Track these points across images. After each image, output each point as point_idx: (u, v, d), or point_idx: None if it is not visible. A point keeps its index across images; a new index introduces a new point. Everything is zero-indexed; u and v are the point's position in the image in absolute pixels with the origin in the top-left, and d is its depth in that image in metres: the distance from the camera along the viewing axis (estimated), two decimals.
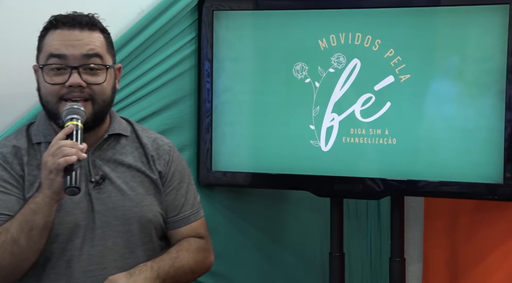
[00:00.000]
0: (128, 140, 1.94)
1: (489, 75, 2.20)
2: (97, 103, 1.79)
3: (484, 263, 2.43)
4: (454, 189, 2.25)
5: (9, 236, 1.66)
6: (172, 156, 1.99)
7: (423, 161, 2.29)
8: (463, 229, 2.51)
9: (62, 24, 1.79)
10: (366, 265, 2.70)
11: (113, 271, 1.79)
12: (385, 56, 2.28)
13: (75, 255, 1.77)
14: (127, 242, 1.84)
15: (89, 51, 1.78)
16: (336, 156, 2.36)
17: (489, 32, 2.20)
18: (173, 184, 1.97)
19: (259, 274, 2.64)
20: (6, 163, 1.80)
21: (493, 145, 2.21)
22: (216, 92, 2.45)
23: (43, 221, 1.66)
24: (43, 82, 1.79)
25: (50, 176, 1.63)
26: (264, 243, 2.64)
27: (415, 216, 2.66)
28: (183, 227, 1.97)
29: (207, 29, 2.42)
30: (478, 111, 2.23)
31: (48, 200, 1.65)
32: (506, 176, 2.18)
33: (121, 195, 1.85)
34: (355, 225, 2.68)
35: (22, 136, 1.86)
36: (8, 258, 1.67)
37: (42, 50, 1.81)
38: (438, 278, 2.59)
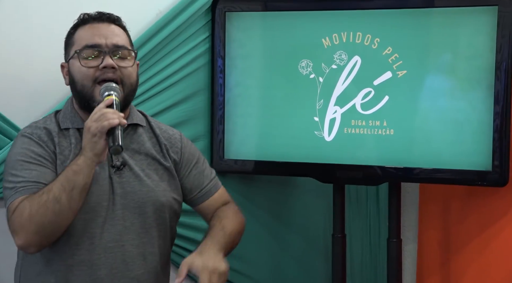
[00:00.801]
0: (144, 130, 1.96)
1: (479, 71, 2.22)
2: (126, 86, 1.84)
3: (473, 243, 2.44)
4: (447, 175, 2.28)
5: (52, 195, 1.68)
6: (182, 142, 2.03)
7: (418, 150, 2.32)
8: (454, 212, 2.52)
9: (92, 19, 1.86)
10: (365, 245, 2.70)
11: (130, 248, 1.83)
12: (384, 54, 2.30)
13: (97, 232, 1.80)
14: (143, 222, 1.87)
15: (119, 41, 1.84)
16: (338, 145, 2.37)
17: (479, 32, 2.22)
18: (190, 166, 2.02)
19: (266, 253, 2.66)
20: (42, 141, 1.82)
21: (483, 135, 2.23)
22: (228, 87, 2.46)
23: (83, 181, 1.69)
24: (78, 68, 1.82)
25: (94, 139, 1.67)
26: (272, 225, 2.65)
27: (410, 201, 2.66)
28: (209, 200, 2.02)
29: (219, 29, 2.43)
30: (469, 105, 2.25)
31: (89, 162, 1.69)
32: (494, 164, 2.20)
33: (138, 180, 1.87)
34: (355, 208, 2.68)
35: (51, 122, 1.90)
36: (50, 216, 1.68)
37: (75, 43, 1.85)
38: (431, 257, 2.60)
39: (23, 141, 1.83)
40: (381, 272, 2.66)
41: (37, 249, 1.74)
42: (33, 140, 1.83)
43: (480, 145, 2.24)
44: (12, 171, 1.79)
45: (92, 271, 1.80)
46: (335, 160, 2.39)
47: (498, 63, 2.18)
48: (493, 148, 2.21)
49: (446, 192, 2.53)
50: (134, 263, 1.85)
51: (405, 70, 2.29)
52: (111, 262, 1.81)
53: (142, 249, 1.87)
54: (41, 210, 1.67)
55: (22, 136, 1.85)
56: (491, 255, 2.40)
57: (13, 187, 1.76)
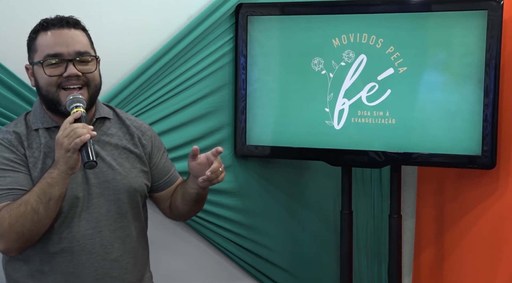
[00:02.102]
0: (111, 123, 1.90)
1: (471, 67, 2.24)
2: (91, 88, 1.78)
3: (465, 219, 2.46)
4: (442, 159, 2.30)
5: (29, 206, 1.63)
6: (151, 131, 2.00)
7: (417, 137, 2.33)
8: (448, 191, 2.54)
9: (52, 25, 1.76)
10: (370, 220, 2.71)
11: (107, 233, 1.80)
12: (387, 52, 2.32)
13: (75, 221, 1.76)
14: (118, 208, 1.82)
15: (81, 48, 1.75)
16: (346, 133, 2.39)
17: (470, 33, 2.23)
18: (160, 154, 1.99)
19: (283, 227, 2.67)
20: (12, 146, 1.76)
21: (473, 124, 2.25)
22: (250, 82, 2.47)
23: (58, 192, 1.64)
24: (42, 76, 1.74)
25: (67, 154, 1.61)
26: (288, 202, 2.66)
27: (409, 181, 2.67)
28: (171, 186, 2.00)
29: (242, 31, 2.44)
30: (462, 97, 2.27)
31: (63, 175, 1.63)
32: (483, 149, 2.23)
33: (111, 169, 1.82)
34: (361, 188, 2.69)
35: (21, 124, 1.82)
36: (28, 225, 1.64)
37: (38, 51, 1.76)
38: (427, 231, 2.62)
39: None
40: (383, 243, 2.68)
41: (17, 253, 1.73)
42: (4, 146, 1.76)
43: (471, 132, 2.26)
44: None
45: (73, 257, 1.76)
46: (343, 146, 2.40)
47: (487, 61, 2.20)
48: (482, 135, 2.23)
49: (441, 174, 2.55)
50: (112, 247, 1.81)
51: (405, 66, 2.31)
52: (90, 247, 1.77)
53: (120, 233, 1.83)
54: (20, 220, 1.63)
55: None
56: (479, 229, 2.42)
57: None
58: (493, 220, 2.37)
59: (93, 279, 1.79)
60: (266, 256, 2.64)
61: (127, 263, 1.85)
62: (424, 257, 2.66)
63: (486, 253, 2.41)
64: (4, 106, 2.11)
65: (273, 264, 2.66)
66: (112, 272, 1.81)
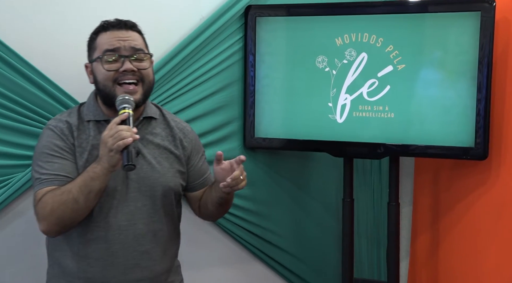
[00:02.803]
0: (157, 122, 1.90)
1: (465, 65, 2.26)
2: (145, 84, 1.80)
3: (458, 206, 2.48)
4: (437, 151, 2.32)
5: (71, 196, 1.67)
6: (193, 134, 1.99)
7: (414, 130, 2.34)
8: (443, 181, 2.55)
9: (112, 26, 1.80)
10: (370, 208, 2.72)
11: (141, 226, 1.81)
12: (386, 51, 2.34)
13: (112, 212, 1.78)
14: (153, 204, 1.83)
15: (136, 45, 1.79)
16: (348, 126, 2.40)
17: (465, 33, 2.25)
18: (198, 156, 1.99)
19: (289, 214, 2.68)
20: (63, 134, 1.79)
21: (467, 118, 2.26)
22: (258, 79, 2.48)
23: (99, 186, 1.68)
24: (101, 70, 1.77)
25: (110, 153, 1.64)
26: (293, 191, 2.67)
27: (407, 171, 2.69)
28: (204, 188, 1.99)
29: (251, 31, 2.45)
30: (456, 92, 2.28)
31: (105, 171, 1.66)
32: (476, 141, 2.26)
33: (151, 167, 1.83)
34: (362, 178, 2.70)
35: (74, 115, 1.84)
36: (69, 213, 1.68)
37: (97, 48, 1.79)
38: (424, 217, 2.65)
39: (48, 134, 1.80)
40: (382, 229, 2.68)
41: (56, 235, 1.76)
42: (56, 134, 1.79)
43: (465, 125, 2.27)
44: (38, 162, 1.77)
45: (107, 245, 1.79)
46: (346, 138, 2.41)
47: (480, 59, 2.22)
48: (475, 128, 2.25)
49: (437, 165, 2.56)
50: (144, 239, 1.83)
51: (404, 64, 2.32)
52: (124, 238, 1.80)
53: (152, 227, 1.84)
54: (61, 207, 1.68)
55: (48, 129, 1.82)
56: (472, 216, 2.43)
57: (38, 177, 1.75)
58: (485, 207, 2.39)
59: (124, 268, 1.81)
60: (273, 241, 2.66)
61: (156, 255, 1.86)
62: (420, 242, 2.68)
63: (478, 238, 2.42)
64: (35, 104, 2.16)
65: (279, 248, 2.68)
66: (142, 263, 1.83)
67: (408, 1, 2.43)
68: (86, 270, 1.80)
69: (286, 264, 2.70)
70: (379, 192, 2.72)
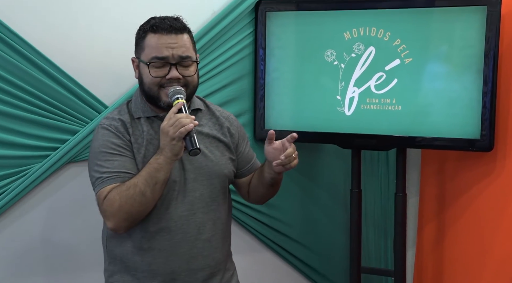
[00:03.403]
0: (202, 113, 1.91)
1: (471, 58, 2.25)
2: (189, 89, 1.80)
3: (464, 197, 2.48)
4: (443, 142, 2.32)
5: (138, 189, 1.67)
6: (238, 123, 2.01)
7: (421, 122, 2.34)
8: (449, 172, 2.55)
9: (161, 29, 1.76)
10: (377, 198, 2.73)
11: (200, 215, 1.82)
12: (394, 45, 2.33)
13: (173, 203, 1.79)
14: (210, 192, 1.84)
15: (183, 53, 1.77)
16: (356, 118, 2.41)
17: (471, 26, 2.24)
18: (245, 142, 2.00)
19: (299, 204, 2.68)
20: (119, 132, 1.79)
21: (473, 110, 2.26)
22: (268, 72, 2.49)
23: (164, 176, 1.68)
24: (147, 75, 1.76)
25: (173, 142, 1.64)
26: (303, 182, 2.67)
27: (414, 163, 2.69)
28: (251, 173, 2.00)
29: (261, 25, 2.46)
30: (462, 85, 2.28)
31: (169, 160, 1.67)
32: (482, 133, 2.26)
33: (204, 157, 1.83)
34: (369, 169, 2.70)
35: (124, 112, 1.84)
36: (137, 207, 1.68)
37: (145, 50, 1.78)
38: (430, 208, 2.64)
39: (103, 133, 1.80)
40: (389, 219, 2.68)
41: (125, 231, 1.76)
42: (112, 132, 1.79)
43: (471, 118, 2.27)
44: (97, 162, 1.76)
45: (170, 236, 1.79)
46: (354, 130, 2.42)
47: (486, 52, 2.22)
48: (481, 121, 2.25)
49: (443, 156, 2.56)
50: (204, 228, 1.83)
51: (411, 58, 2.32)
52: (186, 228, 1.80)
53: (211, 215, 1.85)
54: (129, 202, 1.67)
55: (102, 128, 1.81)
56: (477, 207, 2.43)
57: (99, 177, 1.74)
58: (490, 198, 2.39)
59: (188, 257, 1.82)
60: (282, 230, 2.67)
61: (217, 243, 1.87)
62: (427, 231, 2.68)
63: (483, 229, 2.42)
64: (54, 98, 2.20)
65: (289, 237, 2.69)
66: (204, 251, 1.84)
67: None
68: (151, 262, 1.81)
69: (295, 253, 2.72)
70: (386, 183, 2.73)
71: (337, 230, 2.76)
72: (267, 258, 2.71)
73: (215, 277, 1.89)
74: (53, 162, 2.20)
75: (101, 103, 2.28)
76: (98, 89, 2.27)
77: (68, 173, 2.28)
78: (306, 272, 2.76)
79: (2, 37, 2.08)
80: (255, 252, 2.69)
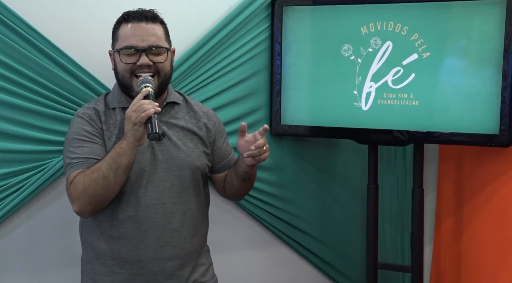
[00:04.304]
0: (180, 107, 1.94)
1: (490, 53, 2.23)
2: (160, 76, 1.83)
3: (482, 193, 2.46)
4: (461, 138, 2.30)
5: (101, 173, 1.70)
6: (217, 118, 2.04)
7: (438, 117, 2.33)
8: (467, 168, 2.53)
9: (132, 18, 1.82)
10: (394, 194, 2.72)
11: (170, 205, 1.84)
12: (411, 39, 2.32)
13: (141, 192, 1.82)
14: (180, 183, 1.86)
15: (154, 41, 1.81)
16: (373, 113, 2.40)
17: (490, 20, 2.22)
18: (222, 138, 2.03)
19: (314, 199, 2.69)
20: (91, 120, 1.84)
21: (492, 105, 2.24)
22: (284, 67, 2.49)
23: (126, 161, 1.71)
24: (119, 63, 1.82)
25: (135, 127, 1.69)
26: (319, 177, 2.68)
27: (431, 158, 2.66)
28: (228, 169, 2.02)
29: (277, 20, 2.46)
30: (481, 80, 2.26)
31: (131, 145, 1.71)
32: (501, 128, 2.23)
33: (176, 148, 1.87)
34: (386, 164, 2.69)
35: (100, 103, 1.90)
36: (100, 190, 1.71)
37: (118, 40, 1.84)
38: (447, 204, 2.63)
39: (78, 121, 1.86)
40: (406, 215, 2.68)
41: (90, 215, 1.80)
42: (85, 120, 1.84)
43: (489, 113, 2.25)
44: (69, 148, 1.82)
45: (138, 224, 1.82)
46: (370, 125, 2.41)
47: (506, 46, 2.19)
48: (500, 115, 2.23)
49: (461, 151, 2.55)
50: (173, 218, 1.85)
51: (428, 52, 2.31)
52: (154, 217, 1.82)
53: (181, 206, 1.87)
54: (92, 185, 1.70)
55: (77, 116, 1.87)
56: (496, 203, 2.41)
57: (70, 162, 1.79)
58: (509, 194, 2.37)
59: (156, 246, 1.84)
60: (299, 225, 2.67)
61: (186, 234, 1.89)
62: (444, 228, 2.67)
63: (502, 225, 2.40)
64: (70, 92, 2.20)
65: (305, 233, 2.69)
66: (172, 241, 1.85)
67: None
68: (119, 250, 1.84)
69: (311, 248, 2.72)
70: (403, 178, 2.71)
71: (353, 225, 2.76)
72: (283, 253, 2.71)
73: (185, 268, 1.90)
74: None
75: None
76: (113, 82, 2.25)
77: None
78: (322, 268, 2.76)
79: (23, 34, 2.10)
80: (271, 247, 2.69)
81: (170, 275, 1.87)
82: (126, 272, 1.85)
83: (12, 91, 2.10)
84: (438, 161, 2.68)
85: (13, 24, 2.07)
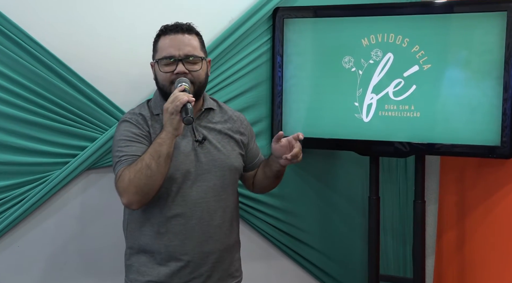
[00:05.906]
0: (215, 113, 2.07)
1: (490, 64, 2.23)
2: (196, 84, 1.94)
3: (483, 205, 2.45)
4: (463, 149, 2.29)
5: (144, 163, 1.80)
6: (247, 122, 2.17)
7: (440, 129, 2.32)
8: (468, 179, 2.53)
9: (170, 31, 1.96)
10: (395, 205, 2.70)
11: (213, 203, 1.98)
12: (412, 51, 2.32)
13: (187, 191, 1.94)
14: (221, 182, 2.00)
15: (190, 51, 1.93)
16: (374, 125, 2.40)
17: (491, 32, 2.22)
18: (253, 140, 2.18)
19: (316, 211, 2.68)
20: (138, 124, 1.96)
21: (493, 117, 2.24)
22: (285, 79, 2.48)
23: (167, 150, 1.81)
24: (159, 72, 1.94)
25: (172, 117, 1.79)
26: (321, 189, 2.67)
27: (433, 170, 2.66)
28: (257, 168, 2.18)
29: (279, 32, 2.46)
30: (482, 92, 2.25)
31: (170, 135, 1.81)
32: (502, 140, 2.23)
33: (217, 150, 2.00)
34: (387, 176, 2.68)
35: (145, 109, 2.01)
36: (144, 179, 1.80)
37: (158, 51, 1.96)
38: (449, 215, 2.62)
39: (125, 125, 1.97)
40: (408, 227, 2.66)
41: (138, 206, 1.87)
42: (132, 123, 1.96)
43: (490, 124, 2.25)
44: (117, 148, 1.93)
45: (185, 221, 1.94)
46: (372, 137, 2.41)
47: (506, 58, 2.20)
48: (501, 127, 2.23)
49: (462, 163, 2.54)
50: (216, 214, 1.98)
51: (429, 64, 2.31)
52: (199, 214, 1.95)
53: (222, 204, 2.00)
54: (137, 175, 1.80)
55: (124, 121, 1.98)
56: (498, 214, 2.41)
57: (118, 160, 1.90)
58: (510, 206, 2.36)
59: (200, 240, 1.96)
60: (300, 237, 2.66)
61: (226, 229, 2.03)
62: (446, 239, 2.66)
63: (504, 237, 2.40)
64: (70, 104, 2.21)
65: (306, 244, 2.69)
66: (215, 235, 1.99)
67: (433, 2, 2.40)
68: (167, 244, 1.95)
69: (313, 260, 2.71)
70: (404, 190, 2.71)
71: (355, 237, 2.74)
72: (285, 265, 2.70)
73: (224, 261, 2.03)
74: (72, 168, 2.23)
75: (120, 110, 2.30)
76: (116, 96, 2.30)
77: (87, 180, 2.30)
78: (323, 279, 2.74)
79: (23, 45, 2.12)
80: (273, 259, 2.68)
81: (212, 267, 1.99)
82: (173, 264, 1.95)
83: (13, 103, 2.11)
84: (440, 172, 2.67)
85: (17, 37, 2.10)
